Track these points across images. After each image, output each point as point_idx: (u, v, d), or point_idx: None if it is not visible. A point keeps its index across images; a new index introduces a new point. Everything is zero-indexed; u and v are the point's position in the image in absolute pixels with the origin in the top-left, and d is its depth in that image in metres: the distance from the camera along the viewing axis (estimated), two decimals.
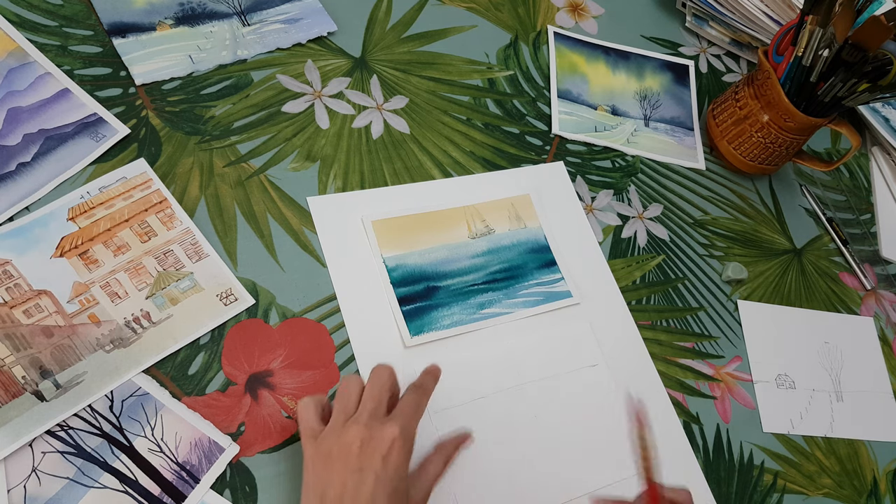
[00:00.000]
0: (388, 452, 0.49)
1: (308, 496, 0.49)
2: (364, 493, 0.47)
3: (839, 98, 0.76)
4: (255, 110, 0.70)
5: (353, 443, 0.48)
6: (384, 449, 0.49)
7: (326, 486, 0.48)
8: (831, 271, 0.86)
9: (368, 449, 0.48)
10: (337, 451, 0.49)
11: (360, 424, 0.49)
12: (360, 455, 0.48)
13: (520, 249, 0.71)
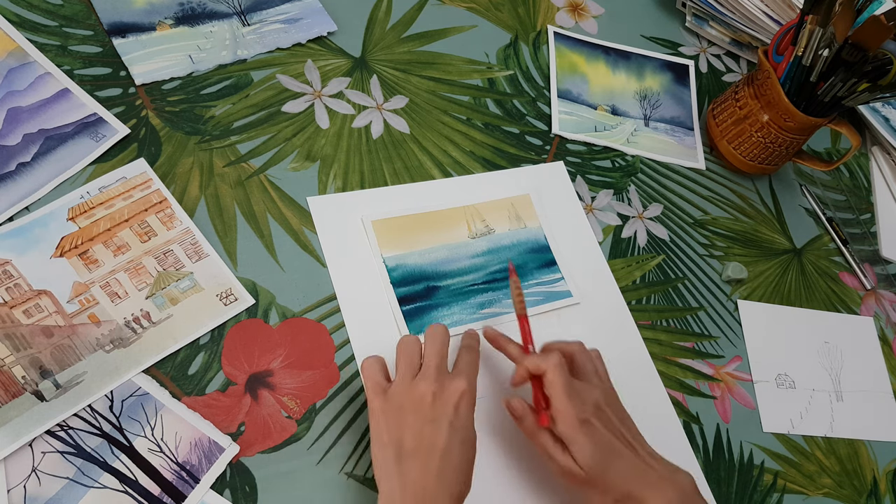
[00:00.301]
0: (459, 403, 0.52)
1: (382, 446, 0.51)
2: (440, 440, 0.50)
3: (839, 98, 0.76)
4: (255, 110, 0.70)
5: (426, 395, 0.52)
6: (455, 400, 0.52)
7: (402, 435, 0.51)
8: (831, 271, 0.86)
9: (440, 401, 0.52)
10: (410, 403, 0.52)
11: (430, 379, 0.53)
12: (433, 406, 0.52)
13: (520, 249, 0.71)
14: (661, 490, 0.54)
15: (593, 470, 0.53)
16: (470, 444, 0.53)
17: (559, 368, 0.55)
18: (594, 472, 0.54)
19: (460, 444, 0.51)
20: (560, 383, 0.55)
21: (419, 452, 0.50)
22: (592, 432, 0.54)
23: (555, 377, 0.55)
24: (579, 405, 0.54)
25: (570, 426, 0.54)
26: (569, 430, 0.54)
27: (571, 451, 0.54)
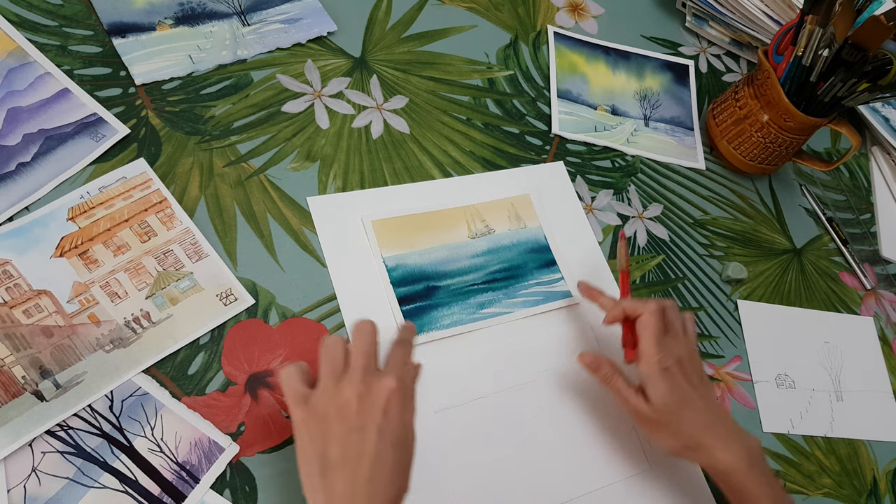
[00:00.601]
0: (388, 404, 0.48)
1: (307, 461, 0.47)
2: (368, 448, 0.46)
3: (839, 98, 0.76)
4: (255, 110, 0.70)
5: (351, 400, 0.47)
6: (383, 402, 0.48)
7: (326, 446, 0.47)
8: (831, 271, 0.86)
9: (367, 404, 0.48)
10: (334, 411, 0.47)
11: (355, 381, 0.48)
12: (359, 412, 0.47)
13: (520, 249, 0.71)
14: (730, 444, 0.57)
15: (665, 412, 0.57)
16: (403, 444, 0.49)
17: (655, 314, 0.59)
18: (665, 415, 0.57)
19: (392, 447, 0.47)
20: (653, 327, 0.59)
21: (346, 463, 0.46)
22: (670, 378, 0.58)
23: (649, 320, 0.59)
24: (664, 352, 0.58)
25: (652, 368, 0.58)
26: (650, 371, 0.58)
27: (648, 391, 0.58)
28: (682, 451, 0.58)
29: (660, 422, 0.58)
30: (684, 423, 0.57)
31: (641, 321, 0.60)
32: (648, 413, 0.58)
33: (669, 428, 0.58)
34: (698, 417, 0.58)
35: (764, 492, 0.56)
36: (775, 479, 0.58)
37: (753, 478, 0.56)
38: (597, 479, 0.62)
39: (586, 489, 0.61)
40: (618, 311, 0.62)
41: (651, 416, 0.58)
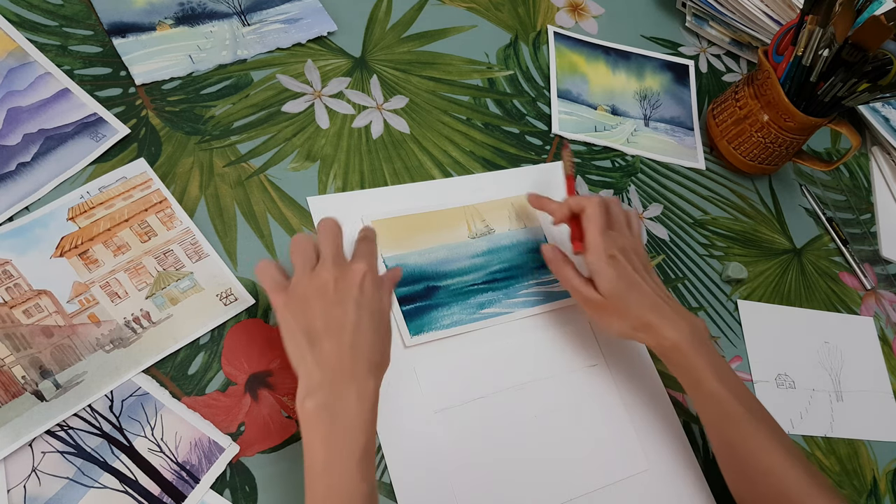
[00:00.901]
0: (362, 283, 0.53)
1: (293, 336, 0.52)
2: (349, 319, 0.52)
3: (839, 98, 0.76)
4: (255, 110, 0.70)
5: (328, 282, 0.52)
6: (358, 280, 0.53)
7: (310, 321, 0.51)
8: (831, 271, 0.86)
9: (343, 284, 0.53)
10: (312, 292, 0.52)
11: (329, 267, 0.53)
12: (336, 290, 0.52)
13: (520, 249, 0.71)
14: (676, 322, 0.60)
15: (613, 297, 0.60)
16: (380, 315, 0.54)
17: (599, 207, 0.63)
18: (614, 300, 0.60)
19: (370, 316, 0.53)
20: (597, 219, 0.62)
21: (330, 332, 0.51)
22: (616, 265, 0.61)
23: (593, 213, 0.63)
24: (609, 242, 0.62)
25: (598, 257, 0.61)
26: (596, 259, 0.61)
27: (595, 280, 0.61)
28: (631, 332, 0.61)
29: (608, 307, 0.61)
30: (632, 305, 0.60)
31: (586, 214, 0.63)
32: (597, 300, 0.61)
33: (618, 312, 0.61)
34: (644, 300, 0.61)
35: (707, 365, 0.59)
36: (720, 357, 0.61)
37: (698, 353, 0.59)
38: (597, 479, 0.62)
39: (586, 489, 0.61)
40: (564, 209, 0.65)
41: (599, 302, 0.61)
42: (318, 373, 0.50)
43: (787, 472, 0.56)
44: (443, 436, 0.60)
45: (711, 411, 0.60)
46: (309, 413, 0.49)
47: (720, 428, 0.60)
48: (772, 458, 0.57)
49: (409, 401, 0.60)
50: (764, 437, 0.58)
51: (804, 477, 0.56)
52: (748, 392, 0.60)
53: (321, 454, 0.49)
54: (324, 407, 0.49)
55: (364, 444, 0.49)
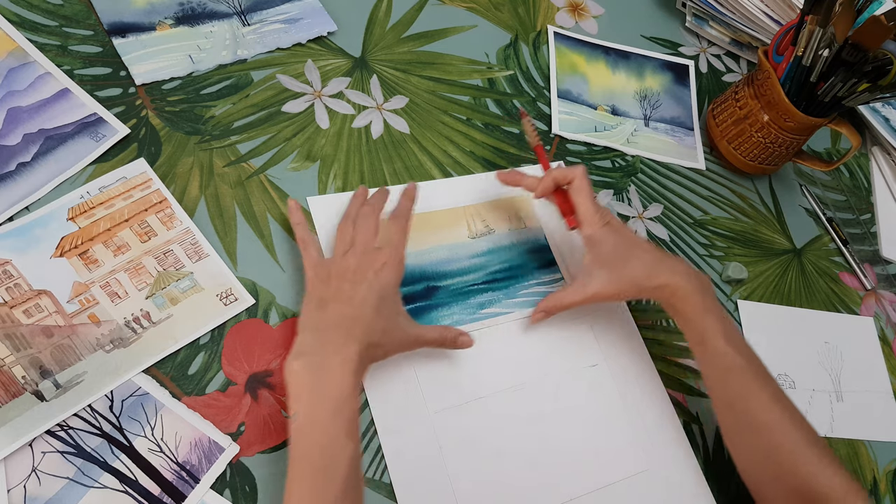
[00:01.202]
0: (380, 270, 0.57)
1: (308, 303, 0.56)
2: (358, 293, 0.55)
3: (839, 98, 0.76)
4: (255, 110, 0.70)
5: (350, 265, 0.57)
6: (377, 267, 0.57)
7: (323, 293, 0.56)
8: (831, 271, 0.86)
9: (362, 268, 0.57)
10: (336, 271, 0.57)
11: (357, 254, 0.58)
12: (355, 272, 0.57)
13: (520, 249, 0.71)
14: (686, 276, 0.62)
15: (619, 262, 0.62)
16: (388, 302, 0.57)
17: (586, 177, 0.64)
18: (619, 265, 0.62)
19: (378, 298, 0.56)
20: (587, 188, 0.63)
21: (337, 301, 0.55)
22: (613, 231, 0.63)
23: (582, 184, 0.63)
24: (600, 210, 0.63)
25: (595, 226, 0.62)
26: (594, 229, 0.62)
27: (597, 249, 0.62)
28: (647, 292, 0.62)
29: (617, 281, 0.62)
30: (638, 266, 0.62)
31: (575, 186, 0.64)
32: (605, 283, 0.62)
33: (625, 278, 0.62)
34: (647, 257, 0.62)
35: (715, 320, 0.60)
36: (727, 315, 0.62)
37: (707, 308, 0.60)
38: (597, 479, 0.62)
39: (586, 489, 0.61)
40: (547, 182, 0.65)
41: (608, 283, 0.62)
42: (311, 336, 0.53)
43: (785, 429, 0.57)
44: (443, 436, 0.60)
45: (716, 365, 0.60)
46: (293, 373, 0.51)
47: (722, 382, 0.60)
48: (770, 414, 0.58)
49: (409, 401, 0.60)
50: (764, 395, 0.58)
51: (801, 436, 0.57)
52: (752, 351, 0.61)
53: (304, 407, 0.50)
54: (308, 366, 0.51)
55: (348, 404, 0.51)
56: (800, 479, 0.56)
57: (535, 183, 0.66)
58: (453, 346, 0.61)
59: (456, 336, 0.60)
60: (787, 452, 0.57)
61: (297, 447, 0.49)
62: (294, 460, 0.49)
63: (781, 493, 0.57)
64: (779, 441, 0.57)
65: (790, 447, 0.57)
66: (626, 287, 0.63)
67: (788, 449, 0.57)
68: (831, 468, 0.56)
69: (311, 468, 0.49)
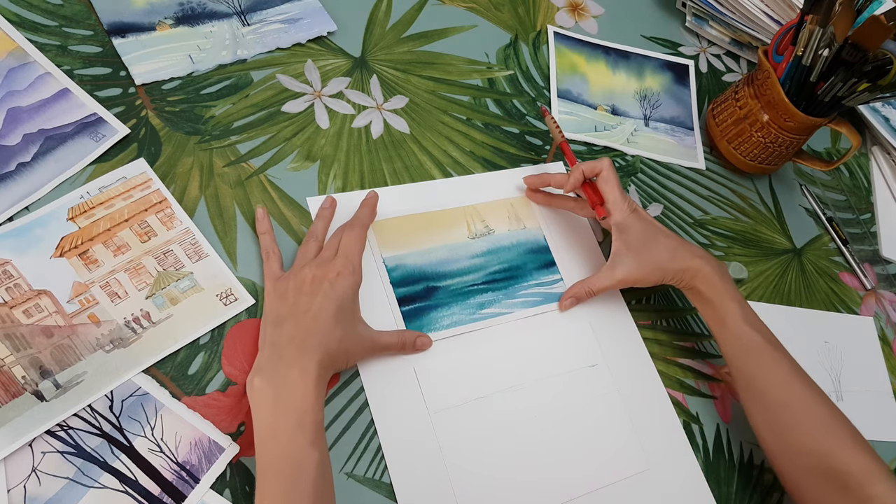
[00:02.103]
0: (335, 279, 0.57)
1: (266, 320, 0.57)
2: (313, 305, 0.55)
3: (839, 98, 0.76)
4: (255, 110, 0.70)
5: (306, 278, 0.57)
6: (332, 277, 0.57)
7: (281, 308, 0.56)
8: (831, 271, 0.86)
9: (318, 279, 0.57)
10: (292, 285, 0.57)
11: (314, 265, 0.58)
12: (311, 283, 0.57)
13: (519, 250, 0.71)
14: (707, 259, 0.65)
15: (646, 248, 0.65)
16: (346, 312, 0.57)
17: (612, 168, 0.67)
18: (646, 251, 0.65)
19: (333, 306, 0.56)
20: (614, 178, 0.66)
21: (293, 316, 0.55)
22: (640, 217, 0.66)
23: (609, 174, 0.66)
24: (628, 198, 0.67)
25: (624, 213, 0.66)
26: (623, 216, 0.66)
27: (625, 236, 0.65)
28: (671, 276, 0.65)
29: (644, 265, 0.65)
30: (663, 251, 0.65)
31: (602, 177, 0.67)
32: (633, 268, 0.65)
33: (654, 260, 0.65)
34: (671, 242, 0.66)
35: (734, 302, 0.63)
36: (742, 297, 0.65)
37: (727, 291, 0.64)
38: (597, 479, 0.62)
39: (586, 489, 0.61)
40: (577, 175, 0.67)
41: (636, 268, 0.65)
42: (268, 352, 0.54)
43: (803, 407, 0.59)
44: (443, 436, 0.60)
45: (735, 345, 0.63)
46: (255, 390, 0.52)
47: (742, 361, 0.63)
48: (788, 393, 0.60)
49: (408, 401, 0.60)
50: (781, 373, 0.61)
51: (820, 415, 0.59)
52: (769, 331, 0.64)
53: (267, 421, 0.50)
54: (268, 381, 0.52)
55: (310, 414, 0.51)
56: (817, 458, 0.57)
57: (563, 179, 0.69)
58: (413, 350, 0.62)
59: (414, 339, 0.61)
60: (803, 430, 0.59)
61: (262, 459, 0.50)
62: (261, 473, 0.49)
63: (799, 470, 0.59)
64: (796, 419, 0.59)
65: (807, 425, 0.59)
66: (650, 271, 0.65)
67: (805, 427, 0.59)
68: (852, 447, 0.57)
69: (277, 479, 0.49)
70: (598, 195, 0.68)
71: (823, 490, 0.57)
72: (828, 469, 0.57)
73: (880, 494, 0.54)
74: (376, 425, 0.58)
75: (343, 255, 0.59)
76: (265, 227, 0.62)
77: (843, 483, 0.56)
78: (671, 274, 0.65)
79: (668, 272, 0.65)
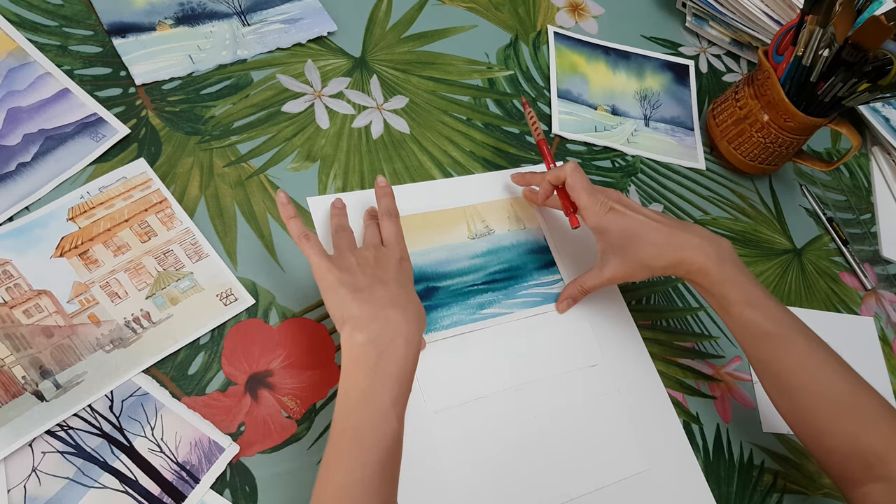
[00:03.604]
0: (399, 262, 0.58)
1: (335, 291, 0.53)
2: (391, 278, 0.55)
3: (839, 98, 0.76)
4: (255, 110, 0.70)
5: (369, 255, 0.57)
6: (396, 259, 0.57)
7: (355, 279, 0.54)
8: (831, 271, 0.86)
9: (383, 259, 0.57)
10: (356, 261, 0.56)
11: (370, 247, 0.58)
12: (376, 262, 0.56)
13: (519, 250, 0.71)
14: (701, 247, 0.60)
15: (629, 244, 0.61)
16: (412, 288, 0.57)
17: (577, 171, 0.63)
18: (630, 246, 0.61)
19: (409, 288, 0.56)
20: (580, 183, 0.63)
21: (376, 283, 0.54)
22: (619, 214, 0.62)
23: (574, 180, 0.63)
24: (601, 198, 0.62)
25: (597, 216, 0.62)
26: (597, 219, 0.62)
27: (606, 237, 0.62)
28: (661, 270, 0.62)
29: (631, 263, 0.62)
30: (648, 245, 0.61)
31: (568, 184, 0.64)
32: (620, 266, 0.63)
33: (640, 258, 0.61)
34: (659, 235, 0.61)
35: (735, 288, 0.59)
36: (750, 276, 0.61)
37: (726, 277, 0.59)
38: (597, 479, 0.62)
39: (586, 489, 0.61)
40: (545, 186, 0.66)
41: (622, 266, 0.62)
42: (370, 309, 0.52)
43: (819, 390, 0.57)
44: (443, 436, 0.60)
45: (742, 333, 0.60)
46: (358, 345, 0.50)
47: (753, 347, 0.60)
48: (802, 377, 0.57)
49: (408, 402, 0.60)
50: (796, 355, 0.58)
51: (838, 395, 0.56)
52: (779, 309, 0.60)
53: (362, 383, 0.49)
54: (373, 342, 0.50)
55: (404, 387, 0.51)
56: (839, 439, 0.56)
57: (540, 180, 0.67)
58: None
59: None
60: (823, 413, 0.57)
61: (345, 420, 0.49)
62: (341, 431, 0.49)
63: (823, 450, 0.58)
64: (815, 403, 0.57)
65: (826, 408, 0.57)
66: (637, 269, 0.63)
67: (824, 410, 0.57)
68: (873, 424, 0.55)
69: (357, 442, 0.48)
70: (571, 202, 0.65)
71: (848, 468, 0.56)
72: (851, 449, 0.55)
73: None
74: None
75: (395, 242, 0.59)
76: (291, 210, 0.58)
77: (867, 461, 0.55)
78: (659, 271, 0.62)
79: (655, 269, 0.62)
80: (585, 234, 0.75)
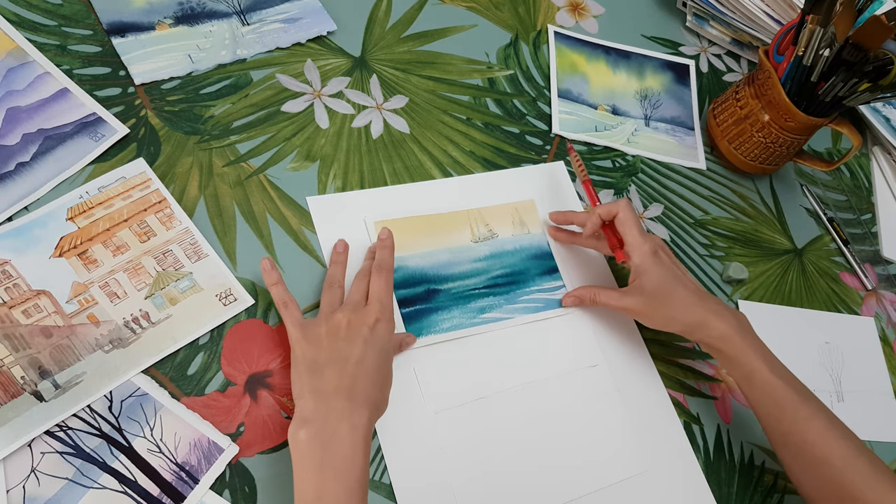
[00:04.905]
0: (375, 326, 0.56)
1: (297, 370, 0.54)
2: (355, 352, 0.54)
3: (840, 98, 0.76)
4: (255, 110, 0.70)
5: (341, 322, 0.55)
6: (370, 323, 0.56)
7: (316, 355, 0.54)
8: (832, 271, 0.86)
9: (355, 325, 0.55)
10: (326, 330, 0.55)
11: (347, 310, 0.56)
12: (348, 329, 0.55)
13: (522, 255, 0.71)
14: (723, 315, 0.62)
15: (661, 295, 0.62)
16: (386, 355, 0.56)
17: (629, 208, 0.65)
18: (661, 298, 0.62)
19: (375, 355, 0.54)
20: (632, 219, 0.65)
21: (333, 363, 0.53)
22: (660, 262, 0.64)
23: (626, 215, 0.65)
24: (649, 239, 0.64)
25: (644, 255, 0.63)
26: (642, 260, 0.63)
27: (643, 279, 0.63)
28: (680, 328, 0.63)
29: (654, 310, 0.63)
30: (678, 301, 0.62)
31: (620, 218, 0.65)
32: (641, 306, 0.63)
33: (664, 309, 0.63)
34: (690, 295, 0.63)
35: (758, 355, 0.61)
36: (768, 348, 0.62)
37: (748, 345, 0.61)
38: (597, 480, 0.62)
39: (586, 490, 0.61)
40: (594, 219, 0.66)
41: (644, 307, 0.63)
42: (313, 402, 0.51)
43: (846, 461, 0.57)
44: (443, 437, 0.60)
45: (766, 402, 0.60)
46: (301, 444, 0.50)
47: (775, 418, 0.60)
48: (829, 447, 0.58)
49: (408, 402, 0.60)
50: (820, 426, 0.58)
51: (863, 463, 0.57)
52: (800, 382, 0.61)
53: (313, 483, 0.49)
54: (315, 436, 0.50)
55: (357, 476, 0.49)
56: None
57: (586, 219, 0.67)
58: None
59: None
60: (845, 485, 0.56)
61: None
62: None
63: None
64: (837, 474, 0.57)
65: (849, 481, 0.56)
66: (658, 316, 0.64)
67: (847, 482, 0.56)
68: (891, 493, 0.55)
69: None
70: (617, 237, 0.66)
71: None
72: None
73: None
74: (376, 425, 0.58)
75: (376, 300, 0.58)
76: (275, 277, 0.58)
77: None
78: (678, 326, 0.63)
79: (676, 323, 0.63)
80: None
